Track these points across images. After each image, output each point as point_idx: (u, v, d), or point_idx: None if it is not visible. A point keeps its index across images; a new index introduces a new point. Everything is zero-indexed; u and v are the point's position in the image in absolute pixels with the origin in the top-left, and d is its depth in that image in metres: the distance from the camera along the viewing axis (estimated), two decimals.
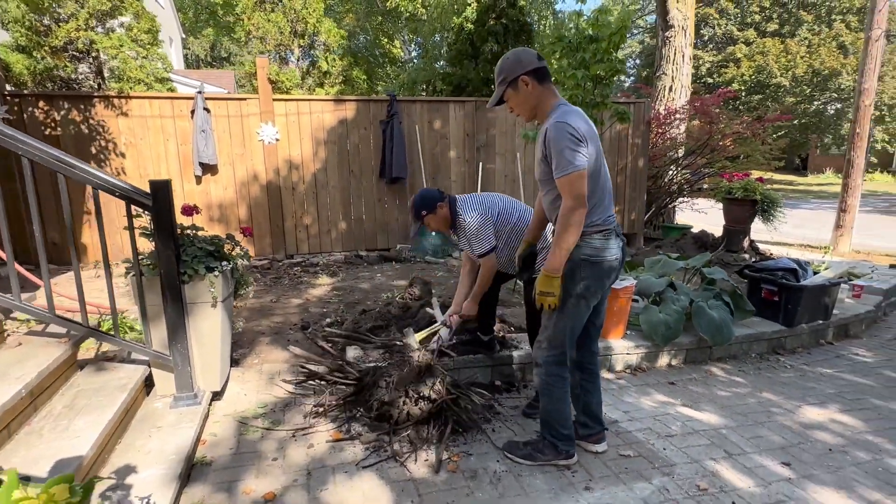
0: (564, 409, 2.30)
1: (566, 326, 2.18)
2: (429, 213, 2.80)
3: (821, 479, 2.33)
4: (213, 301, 2.65)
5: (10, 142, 2.15)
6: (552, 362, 2.23)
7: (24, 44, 5.65)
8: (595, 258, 2.11)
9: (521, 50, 2.16)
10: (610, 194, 2.18)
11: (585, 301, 2.16)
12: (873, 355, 4.07)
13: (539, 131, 2.13)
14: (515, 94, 2.13)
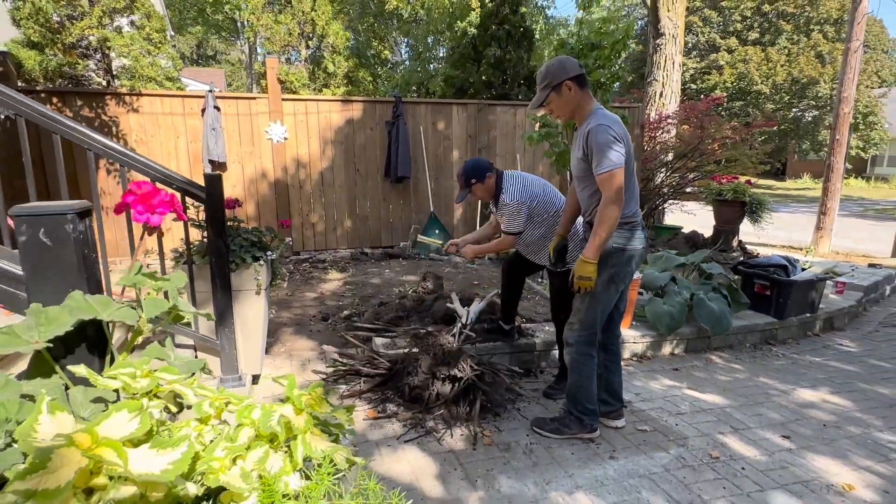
0: (591, 387, 2.52)
1: (597, 310, 2.40)
2: (478, 181, 2.93)
3: (818, 450, 2.58)
4: (258, 288, 2.81)
5: (81, 138, 2.29)
6: (583, 342, 2.45)
7: (36, 40, 5.70)
8: (624, 247, 2.34)
9: (565, 58, 2.37)
10: (637, 191, 2.41)
11: (615, 286, 2.38)
12: (857, 345, 4.38)
13: (577, 133, 2.35)
14: (558, 98, 2.34)
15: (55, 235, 0.99)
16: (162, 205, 1.26)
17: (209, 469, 0.79)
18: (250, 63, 22.29)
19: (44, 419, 0.73)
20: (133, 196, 1.22)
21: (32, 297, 1.01)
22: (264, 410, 0.94)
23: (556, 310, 3.05)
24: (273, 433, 0.90)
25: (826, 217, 9.01)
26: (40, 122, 2.21)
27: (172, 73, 6.49)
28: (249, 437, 0.89)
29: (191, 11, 24.45)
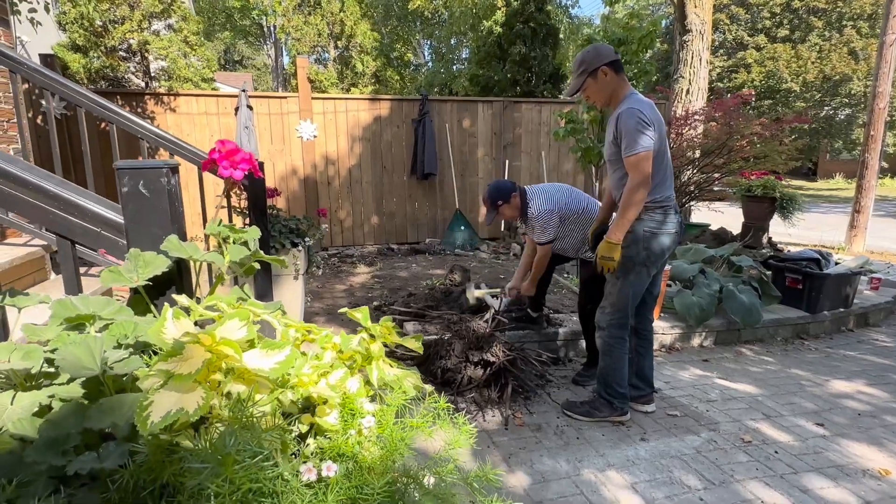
0: (622, 369, 2.55)
1: (629, 293, 2.44)
2: (504, 202, 3.06)
3: (853, 437, 2.57)
4: (296, 273, 2.92)
5: (143, 132, 2.42)
6: (615, 325, 2.49)
7: (81, 43, 5.97)
8: (656, 231, 2.37)
9: (601, 45, 2.43)
10: (671, 175, 2.44)
11: (647, 270, 2.42)
12: (892, 341, 4.29)
13: (610, 117, 2.40)
14: (595, 83, 2.40)
15: (152, 187, 1.10)
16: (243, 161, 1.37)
17: (300, 382, 0.88)
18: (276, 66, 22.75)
19: (169, 324, 0.84)
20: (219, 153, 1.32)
21: (131, 243, 1.12)
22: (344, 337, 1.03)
23: (583, 300, 3.10)
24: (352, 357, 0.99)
25: (860, 215, 8.79)
26: (100, 114, 2.35)
27: (207, 74, 6.72)
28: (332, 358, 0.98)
29: (219, 17, 25.12)
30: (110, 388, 0.80)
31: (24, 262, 2.34)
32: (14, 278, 2.39)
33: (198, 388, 0.74)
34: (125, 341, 0.89)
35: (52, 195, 1.04)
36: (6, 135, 3.15)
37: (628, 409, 2.63)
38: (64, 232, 1.07)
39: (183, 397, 0.71)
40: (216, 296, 1.04)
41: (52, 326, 0.89)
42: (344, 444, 0.82)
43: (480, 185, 7.46)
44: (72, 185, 1.20)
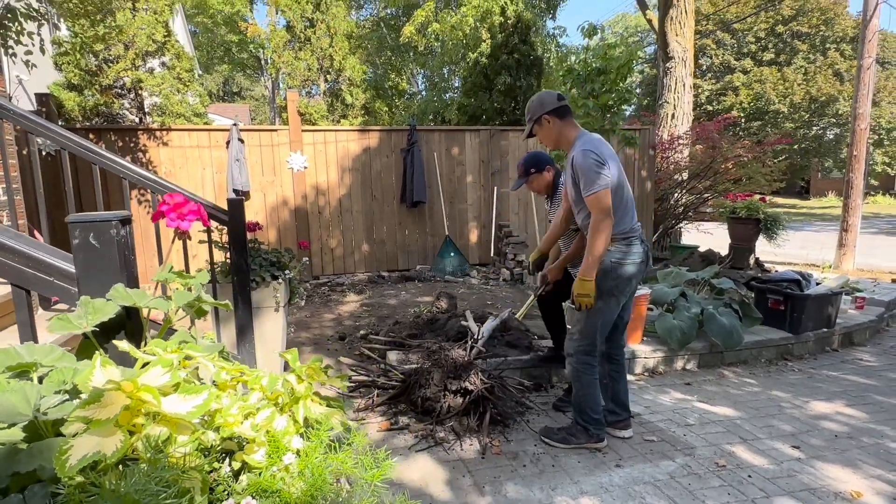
0: (594, 395, 2.58)
1: (597, 322, 2.49)
2: (537, 171, 3.06)
3: (828, 459, 2.58)
4: (276, 305, 2.97)
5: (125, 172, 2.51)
6: (582, 352, 2.53)
7: (76, 82, 6.14)
8: (622, 261, 2.44)
9: (545, 93, 2.60)
10: (632, 207, 2.52)
11: (615, 299, 2.48)
12: (876, 360, 4.31)
13: (566, 160, 2.50)
14: (541, 129, 2.57)
15: (102, 239, 1.16)
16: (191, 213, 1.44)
17: (225, 423, 0.92)
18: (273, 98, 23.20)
19: (97, 372, 0.89)
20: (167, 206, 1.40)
21: (82, 290, 1.18)
22: (271, 377, 1.08)
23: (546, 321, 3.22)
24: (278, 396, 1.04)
25: (848, 234, 8.90)
26: (83, 156, 2.44)
27: (200, 109, 6.88)
28: (259, 399, 1.03)
29: (218, 51, 25.74)
30: (48, 433, 0.85)
31: (4, 300, 2.39)
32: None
33: (117, 431, 0.79)
34: (64, 387, 0.94)
35: (8, 248, 1.10)
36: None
37: (605, 434, 2.65)
38: (19, 281, 1.14)
39: (103, 441, 0.76)
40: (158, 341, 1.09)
41: None
42: (269, 480, 0.86)
43: (469, 211, 7.56)
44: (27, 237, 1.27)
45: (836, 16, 25.04)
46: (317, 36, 8.07)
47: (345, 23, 8.51)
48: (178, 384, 0.90)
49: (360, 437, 1.01)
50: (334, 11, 8.26)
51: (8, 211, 3.24)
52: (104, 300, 1.10)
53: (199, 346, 1.11)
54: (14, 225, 2.60)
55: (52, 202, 5.13)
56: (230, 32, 23.46)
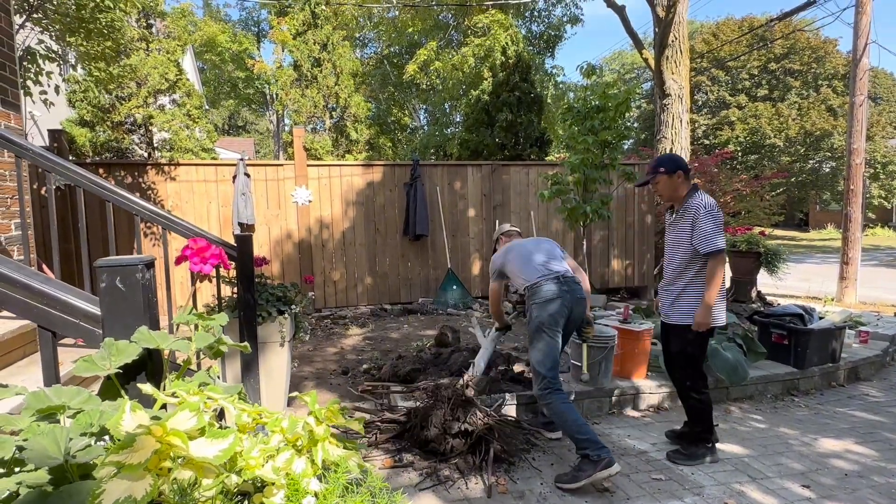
0: (574, 418, 2.68)
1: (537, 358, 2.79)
2: (666, 171, 2.87)
3: (839, 498, 2.55)
4: (282, 340, 2.98)
5: (129, 204, 2.57)
6: (542, 389, 2.76)
7: (88, 119, 6.30)
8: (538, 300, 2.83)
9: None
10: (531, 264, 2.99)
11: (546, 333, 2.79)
12: (884, 396, 4.28)
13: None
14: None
15: (128, 282, 1.20)
16: (213, 257, 1.49)
17: (247, 465, 0.94)
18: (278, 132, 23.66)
19: (126, 416, 0.91)
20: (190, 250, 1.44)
21: (106, 332, 1.21)
22: (291, 420, 1.09)
23: (681, 372, 3.05)
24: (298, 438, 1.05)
25: (849, 267, 8.92)
26: (99, 193, 2.50)
27: (208, 144, 7.03)
28: (279, 442, 1.04)
29: (224, 87, 26.42)
30: (74, 475, 0.87)
31: (14, 335, 2.41)
32: (5, 351, 2.45)
33: (147, 475, 0.80)
34: (90, 430, 0.96)
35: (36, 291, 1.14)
36: (9, 210, 3.30)
37: (608, 455, 2.59)
38: (46, 324, 1.17)
39: (133, 485, 0.78)
40: (179, 382, 1.12)
41: (25, 417, 0.97)
42: None
43: (472, 244, 7.62)
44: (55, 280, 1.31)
45: (826, 54, 25.74)
46: (323, 75, 8.32)
47: (350, 62, 8.81)
48: (203, 428, 0.92)
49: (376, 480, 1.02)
50: (340, 52, 8.54)
51: (20, 245, 3.29)
52: (127, 342, 1.13)
53: (219, 388, 1.13)
54: (27, 259, 2.65)
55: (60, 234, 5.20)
56: (237, 69, 24.13)
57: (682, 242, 2.86)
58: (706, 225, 2.69)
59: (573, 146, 5.92)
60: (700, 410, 2.94)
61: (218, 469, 0.89)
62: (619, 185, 7.24)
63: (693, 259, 2.80)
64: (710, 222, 2.69)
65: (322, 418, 1.15)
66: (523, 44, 14.38)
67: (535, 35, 17.66)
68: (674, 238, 2.95)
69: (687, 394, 2.97)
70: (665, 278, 3.05)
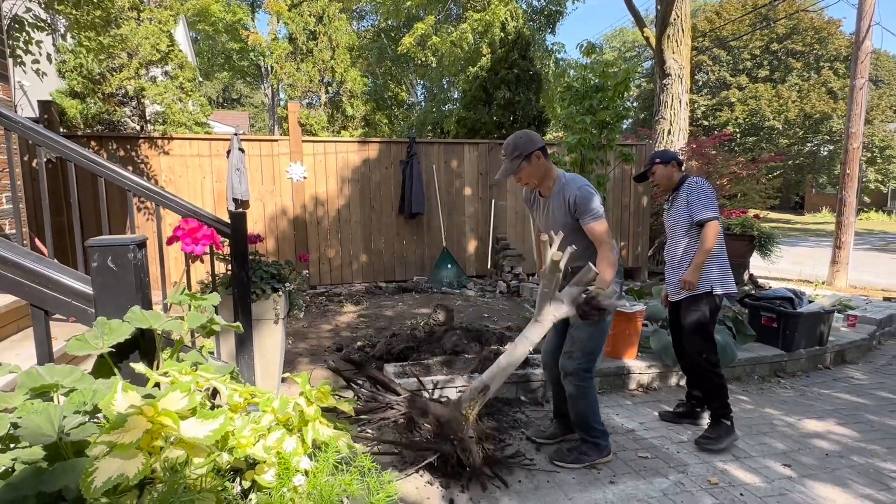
0: (598, 409, 2.67)
1: (602, 340, 2.64)
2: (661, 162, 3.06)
3: (819, 478, 2.62)
4: (276, 318, 3.00)
5: (122, 180, 2.55)
6: (583, 369, 2.59)
7: (79, 90, 6.18)
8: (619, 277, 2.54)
9: (528, 131, 2.67)
10: None
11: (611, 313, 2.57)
12: (868, 378, 4.37)
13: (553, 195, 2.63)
14: (529, 166, 2.58)
15: (119, 262, 1.20)
16: (204, 238, 1.49)
17: (238, 444, 0.96)
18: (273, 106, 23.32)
19: (118, 396, 0.92)
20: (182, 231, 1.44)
21: (99, 311, 1.21)
22: (282, 401, 1.11)
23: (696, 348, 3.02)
24: (289, 418, 1.07)
25: (841, 251, 8.99)
26: (91, 168, 2.47)
27: (201, 118, 6.93)
28: (270, 422, 1.07)
29: (218, 58, 25.87)
30: (68, 452, 0.88)
31: (9, 309, 2.42)
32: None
33: (139, 454, 0.82)
34: (84, 407, 0.98)
35: (28, 269, 1.14)
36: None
37: (609, 446, 2.69)
38: (37, 302, 1.17)
39: (125, 463, 0.80)
40: (171, 362, 1.13)
41: (19, 395, 0.98)
42: (279, 500, 0.90)
43: (467, 223, 7.61)
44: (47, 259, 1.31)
45: (829, 35, 25.45)
46: (319, 48, 8.17)
47: (346, 35, 8.64)
48: (195, 408, 0.94)
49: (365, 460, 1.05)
50: (336, 24, 8.37)
51: (11, 219, 3.27)
52: (120, 321, 1.13)
53: (212, 367, 1.15)
54: (19, 233, 2.63)
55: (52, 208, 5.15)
56: (231, 40, 23.59)
57: (680, 223, 3.03)
58: (697, 197, 2.93)
59: (571, 126, 5.86)
60: (718, 385, 2.95)
61: (209, 448, 0.91)
62: (615, 166, 7.21)
63: (696, 234, 2.97)
64: (700, 195, 2.93)
65: (313, 399, 1.17)
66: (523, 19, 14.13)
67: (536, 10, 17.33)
68: (673, 222, 3.11)
69: (703, 369, 2.97)
70: (670, 263, 3.19)
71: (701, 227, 2.92)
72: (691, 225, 2.97)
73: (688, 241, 3.02)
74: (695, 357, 3.03)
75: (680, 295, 3.06)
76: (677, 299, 3.11)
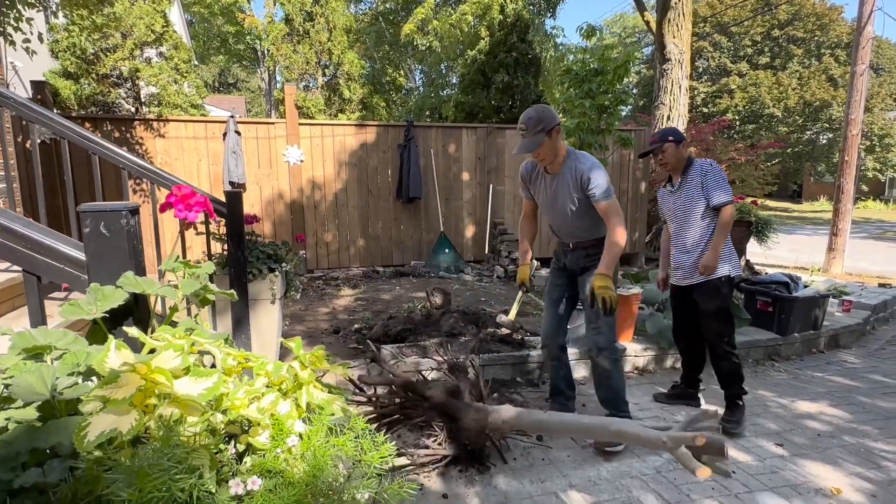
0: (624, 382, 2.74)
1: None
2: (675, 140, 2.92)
3: (810, 457, 2.66)
4: (273, 298, 3.00)
5: (124, 162, 2.53)
6: (614, 342, 2.67)
7: (72, 70, 6.11)
8: None
9: (547, 106, 2.63)
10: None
11: None
12: (861, 362, 4.41)
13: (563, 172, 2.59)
14: (550, 141, 2.51)
15: (112, 228, 1.19)
16: (198, 205, 1.48)
17: (232, 406, 0.96)
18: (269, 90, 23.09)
19: (112, 354, 0.92)
20: (174, 197, 1.43)
21: (91, 278, 1.21)
22: (276, 364, 1.12)
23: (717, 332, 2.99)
24: (283, 381, 1.08)
25: (837, 238, 9.01)
26: (84, 146, 2.45)
27: (196, 100, 6.87)
28: (264, 385, 1.07)
29: (214, 41, 25.55)
30: (62, 412, 0.89)
31: (3, 287, 2.41)
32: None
33: (132, 411, 0.82)
34: (77, 369, 0.98)
35: (19, 235, 1.13)
36: None
37: None
38: (30, 268, 1.16)
39: (118, 419, 0.80)
40: (166, 327, 1.13)
41: (11, 356, 0.98)
42: (273, 461, 0.90)
43: (465, 208, 7.60)
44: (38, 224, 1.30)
45: (831, 21, 25.26)
46: (315, 29, 8.07)
47: (344, 17, 8.53)
48: (188, 368, 0.94)
49: (360, 422, 1.05)
50: (333, 5, 8.27)
51: (5, 198, 3.25)
52: (113, 287, 1.13)
53: (205, 334, 1.15)
54: (12, 208, 2.61)
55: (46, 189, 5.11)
56: (227, 23, 23.28)
57: (694, 206, 2.93)
58: (714, 180, 2.86)
59: (569, 110, 5.83)
60: (738, 367, 2.95)
61: (202, 407, 0.91)
62: (614, 150, 7.18)
63: (711, 218, 2.91)
64: (716, 177, 2.86)
65: (307, 363, 1.18)
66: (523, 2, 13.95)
67: None
68: (683, 205, 2.98)
69: (724, 352, 2.93)
70: (679, 247, 3.06)
71: (717, 211, 2.86)
72: (706, 208, 2.89)
73: (703, 225, 2.93)
74: (715, 341, 2.97)
75: (693, 279, 2.99)
76: (689, 283, 3.04)
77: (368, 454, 0.95)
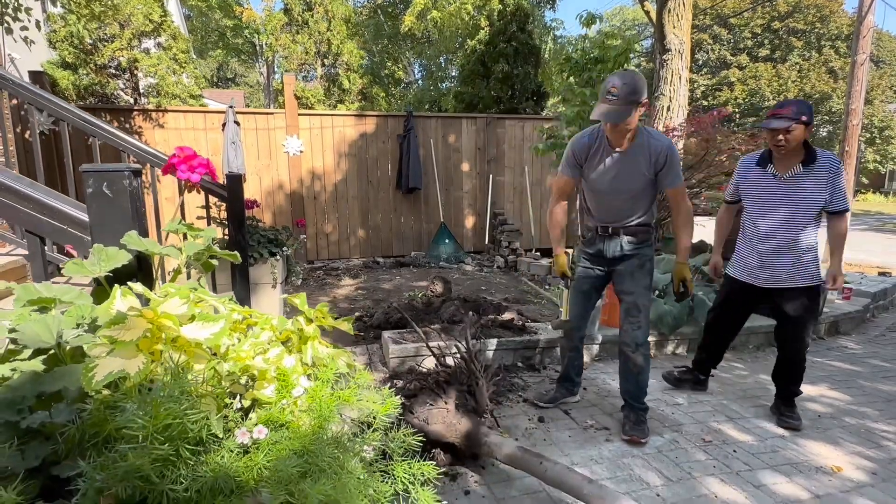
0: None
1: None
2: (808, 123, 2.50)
3: (811, 437, 2.66)
4: (274, 282, 3.00)
5: (125, 145, 2.52)
6: (647, 337, 2.66)
7: (70, 61, 6.08)
8: None
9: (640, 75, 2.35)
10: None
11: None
12: (861, 348, 4.41)
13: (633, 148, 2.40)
14: (636, 114, 2.28)
15: (115, 188, 1.19)
16: (200, 166, 1.48)
17: (238, 357, 0.97)
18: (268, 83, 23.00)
19: (118, 301, 0.93)
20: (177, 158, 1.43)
21: (95, 238, 1.21)
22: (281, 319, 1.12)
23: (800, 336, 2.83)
24: (288, 335, 1.08)
25: None
26: (83, 128, 2.45)
27: (195, 91, 6.84)
28: (270, 338, 1.07)
29: (212, 36, 25.43)
30: (67, 360, 0.89)
31: (5, 269, 2.40)
32: None
33: (139, 355, 0.83)
34: (82, 322, 0.98)
35: (23, 195, 1.13)
36: None
37: None
38: (33, 229, 1.16)
39: (126, 363, 0.80)
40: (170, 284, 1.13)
41: (16, 308, 0.98)
42: (278, 414, 0.91)
43: (465, 198, 7.59)
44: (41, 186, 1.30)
45: (831, 13, 25.17)
46: (314, 19, 8.03)
47: (343, 6, 8.49)
48: (193, 315, 0.94)
49: (365, 376, 1.05)
50: None
51: None
52: (117, 248, 1.13)
53: (209, 293, 1.15)
54: None
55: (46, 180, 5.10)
56: (225, 17, 23.15)
57: (816, 204, 2.63)
58: (842, 181, 2.59)
59: (570, 99, 5.82)
60: (804, 368, 2.85)
61: (209, 354, 0.92)
62: None
63: (817, 218, 2.68)
64: (842, 178, 2.60)
65: (312, 317, 1.18)
66: None
67: None
68: (803, 199, 2.65)
69: (804, 355, 2.82)
70: (784, 244, 2.75)
71: (837, 216, 2.65)
72: (820, 208, 2.62)
73: (815, 226, 2.69)
74: (800, 345, 2.80)
75: (797, 282, 2.74)
76: (783, 287, 2.78)
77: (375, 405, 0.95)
